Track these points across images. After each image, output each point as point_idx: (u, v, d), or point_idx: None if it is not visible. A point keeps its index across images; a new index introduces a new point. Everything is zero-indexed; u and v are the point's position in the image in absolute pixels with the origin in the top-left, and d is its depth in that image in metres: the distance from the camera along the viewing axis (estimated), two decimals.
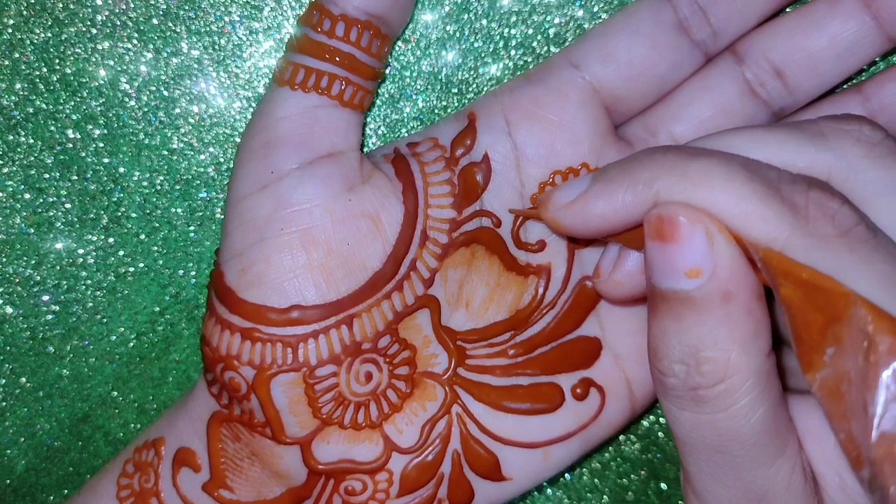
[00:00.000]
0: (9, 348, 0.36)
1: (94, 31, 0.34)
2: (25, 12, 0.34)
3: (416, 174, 0.31)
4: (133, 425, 0.37)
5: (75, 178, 0.35)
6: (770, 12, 0.31)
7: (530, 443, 0.31)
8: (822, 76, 0.31)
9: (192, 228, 0.36)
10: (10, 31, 0.34)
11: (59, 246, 0.35)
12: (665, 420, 0.37)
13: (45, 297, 0.36)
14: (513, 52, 0.35)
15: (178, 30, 0.34)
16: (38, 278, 0.36)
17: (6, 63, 0.34)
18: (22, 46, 0.34)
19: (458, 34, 0.34)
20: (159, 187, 0.35)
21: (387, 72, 0.35)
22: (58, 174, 0.35)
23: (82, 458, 0.37)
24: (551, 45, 0.34)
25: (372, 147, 0.35)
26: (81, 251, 0.35)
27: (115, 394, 0.37)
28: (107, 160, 0.35)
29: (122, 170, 0.35)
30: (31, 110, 0.34)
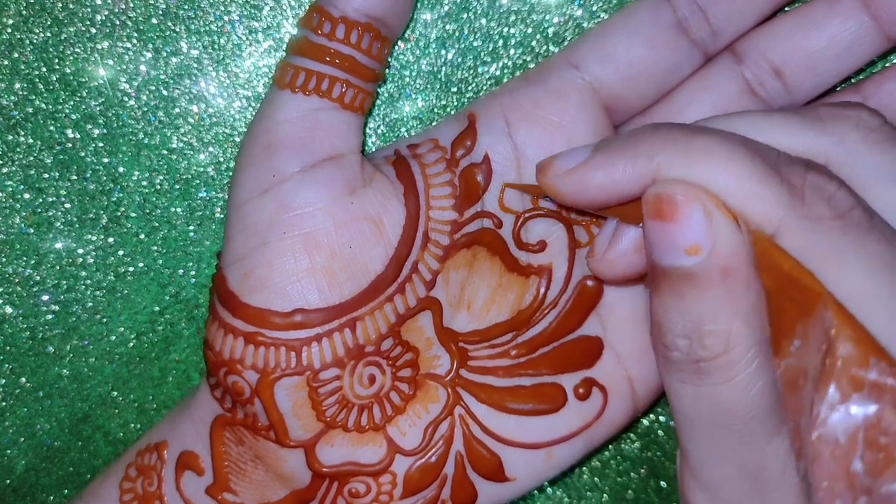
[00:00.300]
0: (8, 348, 0.36)
1: (94, 30, 0.34)
2: (25, 12, 0.34)
3: (418, 176, 0.31)
4: (133, 425, 0.37)
5: (75, 177, 0.35)
6: (769, 12, 0.31)
7: (533, 443, 0.31)
8: (821, 76, 0.31)
9: (191, 228, 0.35)
10: (9, 30, 0.34)
11: (58, 246, 0.35)
12: (665, 419, 0.37)
13: (45, 297, 0.36)
14: (512, 52, 0.35)
15: (178, 29, 0.34)
16: (38, 278, 0.35)
17: (5, 63, 0.34)
18: (21, 46, 0.34)
19: (457, 33, 0.34)
20: (159, 187, 0.35)
21: (386, 72, 0.35)
22: (57, 174, 0.35)
23: (82, 458, 0.37)
24: (550, 45, 0.34)
25: (371, 146, 0.35)
26: (81, 251, 0.35)
27: (115, 394, 0.37)
28: (106, 160, 0.35)
29: (121, 169, 0.35)
30: (30, 110, 0.34)
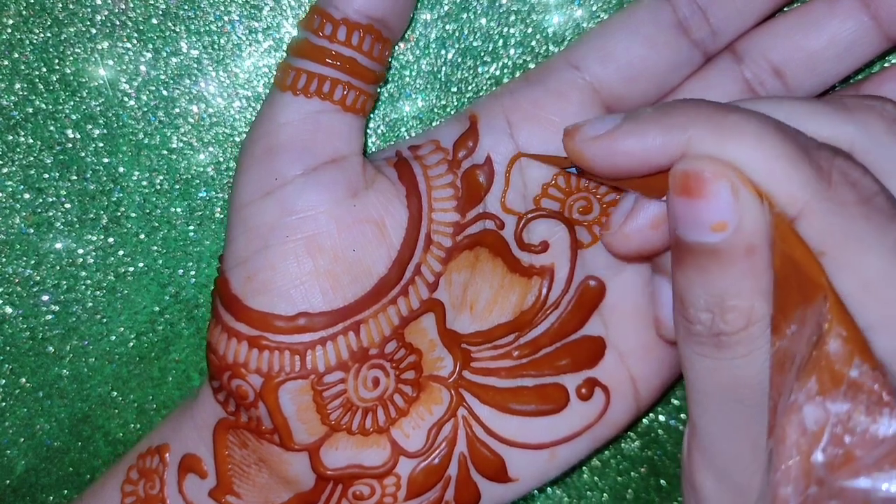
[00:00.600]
0: (8, 348, 0.36)
1: (94, 30, 0.34)
2: (25, 12, 0.34)
3: (419, 177, 0.31)
4: (133, 425, 0.37)
5: (75, 177, 0.35)
6: (769, 12, 0.31)
7: (536, 444, 0.32)
8: (821, 75, 0.31)
9: (191, 228, 0.35)
10: (9, 30, 0.34)
11: (58, 246, 0.35)
12: (665, 418, 0.37)
13: (45, 297, 0.36)
14: (512, 52, 0.35)
15: (178, 29, 0.34)
16: (38, 278, 0.35)
17: (6, 63, 0.34)
18: (21, 46, 0.34)
19: (457, 33, 0.34)
20: (159, 187, 0.35)
21: (387, 73, 0.35)
22: (57, 174, 0.35)
23: (82, 458, 0.37)
24: (550, 45, 0.34)
25: (371, 146, 0.35)
26: (81, 251, 0.35)
27: (115, 394, 0.37)
28: (106, 160, 0.35)
29: (121, 169, 0.35)
30: (30, 110, 0.34)
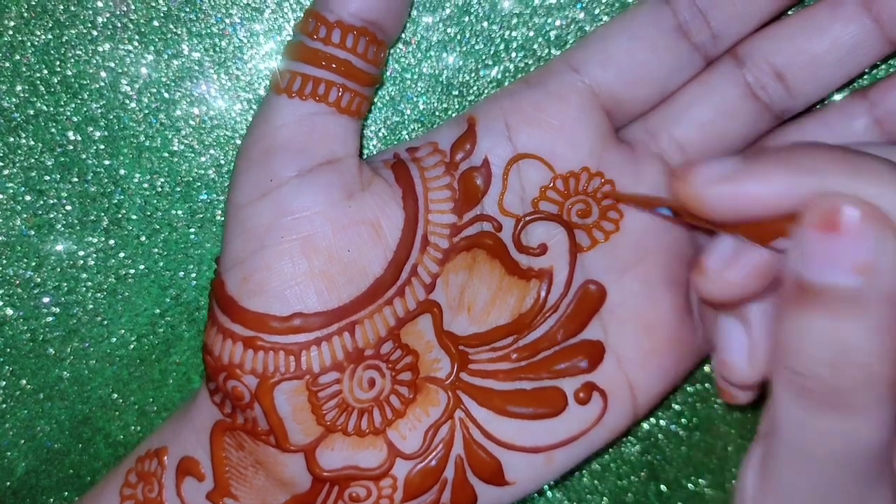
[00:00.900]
0: (9, 350, 0.36)
1: (95, 33, 0.34)
2: (26, 14, 0.34)
3: (416, 179, 0.31)
4: (133, 427, 0.37)
5: (76, 180, 0.35)
6: (770, 16, 0.31)
7: (533, 447, 0.31)
8: (824, 79, 0.31)
9: (192, 230, 0.35)
10: (10, 33, 0.34)
11: (59, 248, 0.35)
12: (665, 422, 0.37)
13: (46, 299, 0.36)
14: (513, 55, 0.35)
15: (179, 32, 0.34)
16: (39, 280, 0.36)
17: (7, 65, 0.34)
18: (23, 48, 0.34)
19: (458, 36, 0.34)
20: (160, 189, 0.35)
21: (387, 74, 0.35)
22: (58, 176, 0.35)
23: (82, 460, 0.37)
24: (552, 48, 0.34)
25: (372, 149, 0.35)
26: (82, 253, 0.35)
27: (116, 396, 0.37)
28: (107, 162, 0.35)
29: (122, 172, 0.35)
30: (31, 112, 0.34)
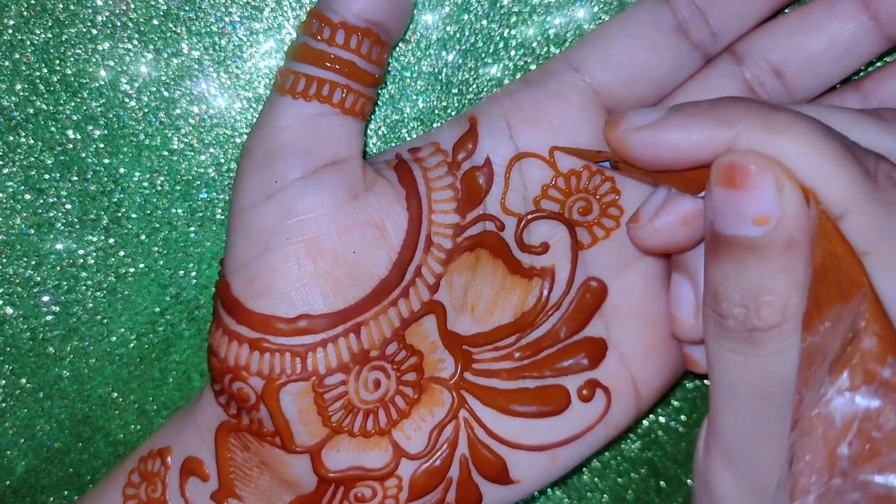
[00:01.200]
0: (9, 349, 0.36)
1: (95, 31, 0.34)
2: (26, 13, 0.34)
3: (419, 180, 0.31)
4: (133, 426, 0.37)
5: (76, 178, 0.35)
6: (768, 13, 0.31)
7: (537, 445, 0.32)
8: (822, 76, 0.31)
9: (192, 229, 0.35)
10: (10, 31, 0.34)
11: (59, 246, 0.35)
12: (665, 419, 0.37)
13: (46, 298, 0.36)
14: (513, 53, 0.35)
15: (179, 30, 0.34)
16: (39, 279, 0.35)
17: (7, 64, 0.34)
18: (22, 47, 0.34)
19: (458, 35, 0.34)
20: (160, 188, 0.35)
21: (386, 76, 0.35)
22: (58, 175, 0.35)
23: (82, 459, 0.37)
24: (551, 46, 0.34)
25: (372, 147, 0.35)
26: (82, 252, 0.35)
27: (116, 395, 0.37)
28: (107, 161, 0.35)
29: (122, 170, 0.35)
30: (31, 111, 0.34)
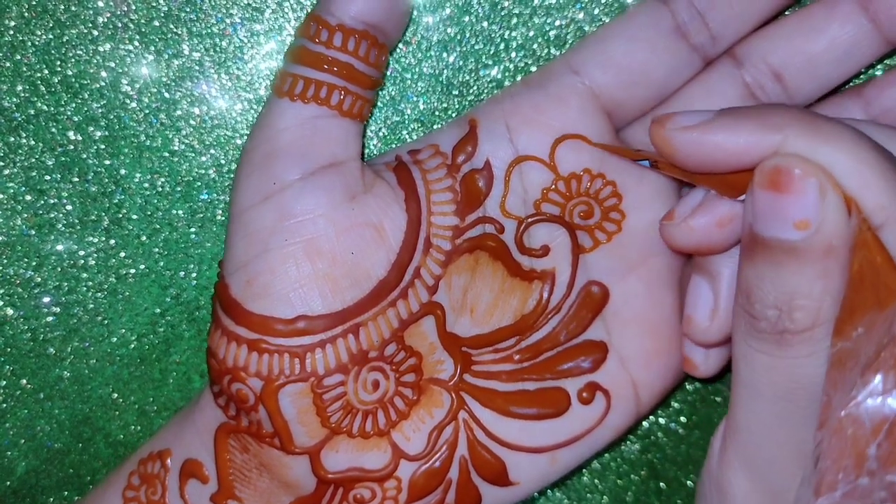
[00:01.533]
0: (9, 350, 0.36)
1: (96, 33, 0.34)
2: (27, 14, 0.34)
3: (419, 181, 0.31)
4: (133, 427, 0.37)
5: (76, 179, 0.35)
6: (768, 16, 0.31)
7: (537, 447, 0.32)
8: (821, 79, 0.31)
9: (193, 230, 0.36)
10: (11, 32, 0.34)
11: (60, 247, 0.35)
12: (665, 421, 0.37)
13: (46, 299, 0.36)
14: (513, 55, 0.35)
15: (180, 32, 0.34)
16: (39, 280, 0.35)
17: (7, 65, 0.34)
18: (23, 48, 0.34)
19: (458, 36, 0.35)
20: (160, 189, 0.35)
21: (387, 74, 0.35)
22: (59, 176, 0.35)
23: (83, 459, 0.37)
24: (552, 48, 0.34)
25: (373, 148, 0.35)
26: (82, 253, 0.35)
27: (116, 395, 0.37)
28: (108, 162, 0.35)
29: (123, 171, 0.35)
30: (32, 112, 0.34)
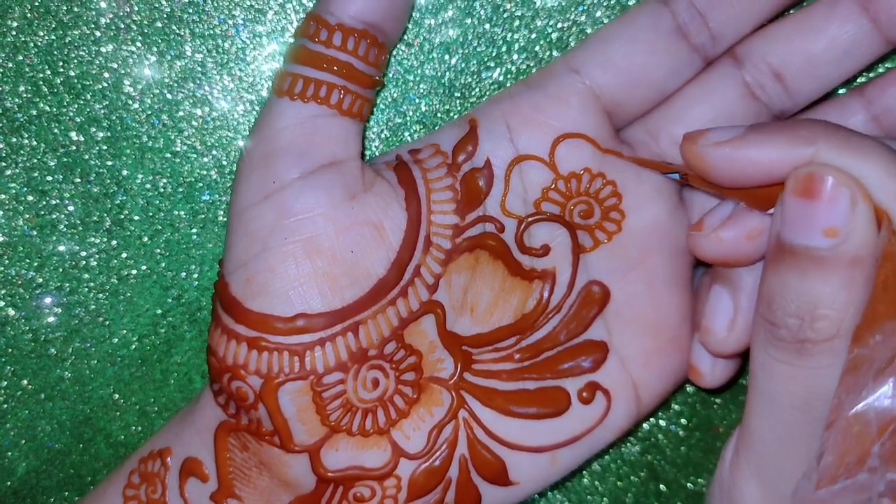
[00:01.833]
0: (11, 350, 0.36)
1: (98, 34, 0.34)
2: (29, 15, 0.34)
3: (419, 180, 0.31)
4: (134, 428, 0.37)
5: (78, 180, 0.35)
6: (768, 16, 0.31)
7: (537, 447, 0.32)
8: (822, 79, 0.31)
9: (194, 231, 0.36)
10: (13, 33, 0.34)
11: (61, 248, 0.35)
12: (665, 422, 0.37)
13: (48, 300, 0.36)
14: (515, 57, 0.35)
15: (182, 33, 0.34)
16: (41, 280, 0.36)
17: (10, 66, 0.34)
18: (26, 49, 0.34)
19: (460, 38, 0.35)
20: (162, 190, 0.35)
21: (389, 75, 0.35)
22: (61, 176, 0.35)
23: (83, 460, 0.37)
24: (554, 50, 0.35)
25: (374, 150, 0.35)
26: (84, 253, 0.35)
27: (117, 396, 0.37)
28: (110, 163, 0.35)
29: (125, 172, 0.35)
30: (34, 113, 0.34)
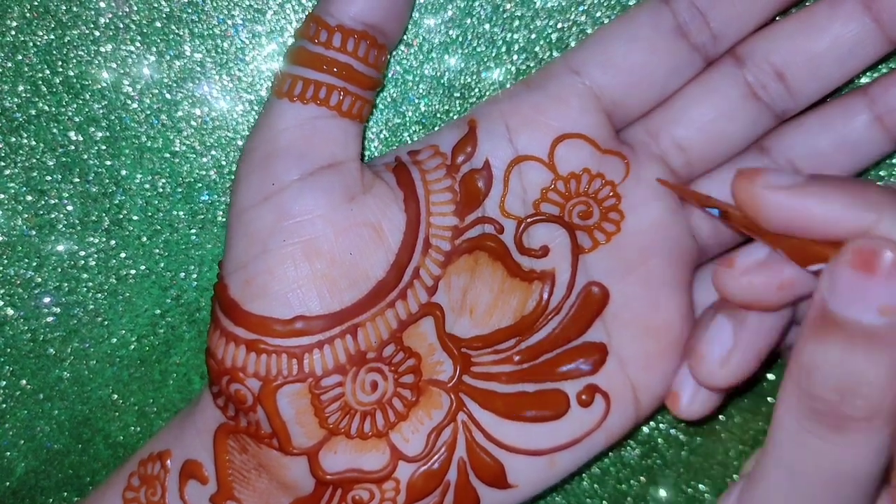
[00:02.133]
0: (9, 350, 0.36)
1: (97, 33, 0.34)
2: (28, 14, 0.34)
3: (418, 182, 0.31)
4: (133, 428, 0.37)
5: (77, 180, 0.35)
6: (769, 16, 0.31)
7: (536, 450, 0.31)
8: (824, 78, 0.31)
9: (193, 231, 0.35)
10: (13, 33, 0.34)
11: (60, 248, 0.35)
12: (665, 426, 0.37)
13: (47, 300, 0.36)
14: (515, 57, 0.35)
15: (181, 33, 0.34)
16: (40, 280, 0.36)
17: (9, 65, 0.34)
18: (25, 49, 0.34)
19: (460, 38, 0.34)
20: (161, 190, 0.35)
21: (389, 76, 0.35)
22: (60, 176, 0.35)
23: (82, 460, 0.37)
24: (554, 50, 0.34)
25: (374, 150, 0.35)
26: (83, 253, 0.35)
27: (116, 396, 0.37)
28: (109, 163, 0.35)
29: (124, 172, 0.35)
30: (33, 112, 0.34)
